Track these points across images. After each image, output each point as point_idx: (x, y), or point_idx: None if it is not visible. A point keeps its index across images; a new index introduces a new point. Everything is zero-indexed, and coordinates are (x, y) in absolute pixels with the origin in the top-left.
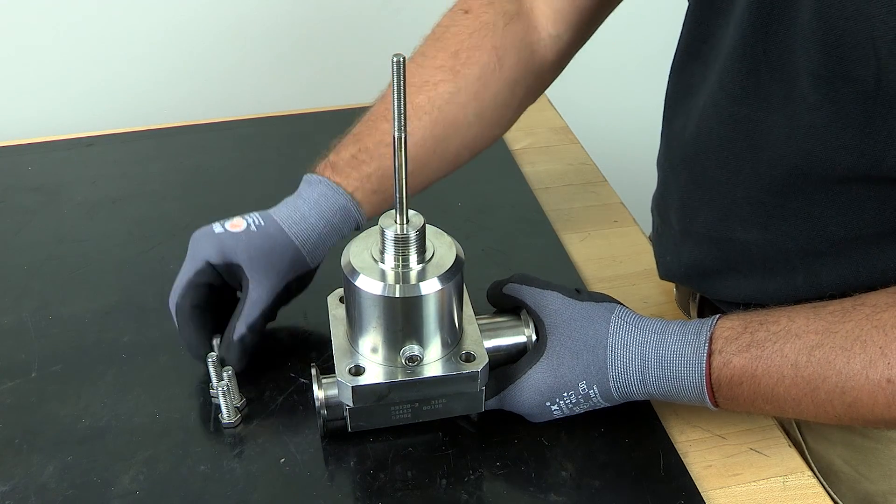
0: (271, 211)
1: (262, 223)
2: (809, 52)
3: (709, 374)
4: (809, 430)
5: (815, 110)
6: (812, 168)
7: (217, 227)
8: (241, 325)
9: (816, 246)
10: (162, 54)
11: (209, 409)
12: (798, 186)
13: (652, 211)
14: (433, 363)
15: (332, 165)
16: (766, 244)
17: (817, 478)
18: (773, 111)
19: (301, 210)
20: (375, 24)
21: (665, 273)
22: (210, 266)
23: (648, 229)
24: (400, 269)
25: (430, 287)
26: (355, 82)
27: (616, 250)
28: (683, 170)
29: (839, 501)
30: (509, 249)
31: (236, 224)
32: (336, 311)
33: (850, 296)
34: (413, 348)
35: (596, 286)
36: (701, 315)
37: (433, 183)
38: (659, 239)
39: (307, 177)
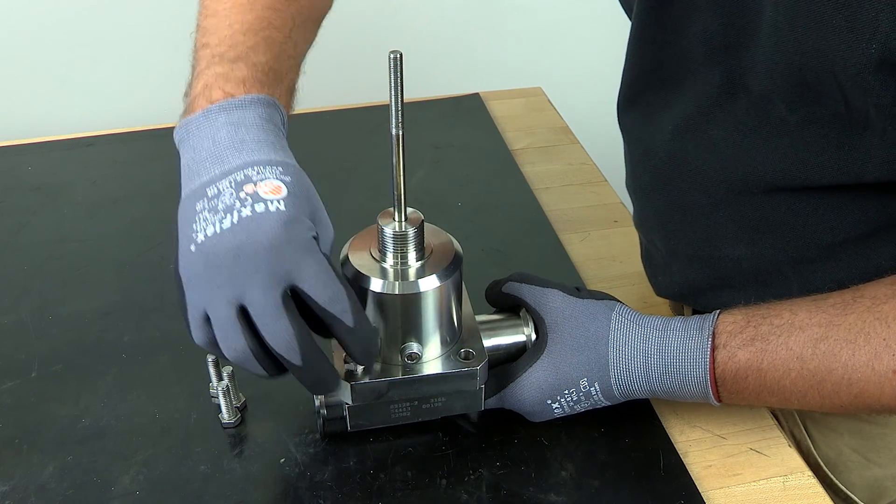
0: (254, 155)
1: (289, 178)
2: (776, 81)
3: (713, 369)
4: (815, 424)
5: (795, 131)
6: (791, 185)
7: (244, 210)
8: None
9: (806, 253)
10: (162, 54)
11: (209, 409)
12: (779, 199)
13: (637, 230)
14: (432, 361)
15: (258, 81)
16: (755, 258)
17: (817, 477)
18: (749, 134)
19: (281, 137)
20: (374, 24)
21: (659, 292)
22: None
23: None
24: (399, 266)
25: (429, 284)
26: (355, 82)
27: (616, 250)
28: (658, 194)
29: (847, 492)
30: (509, 249)
31: (276, 189)
32: None
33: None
34: (412, 346)
35: (596, 286)
36: None
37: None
38: (649, 259)
39: (235, 102)
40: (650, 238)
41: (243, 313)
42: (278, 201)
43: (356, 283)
